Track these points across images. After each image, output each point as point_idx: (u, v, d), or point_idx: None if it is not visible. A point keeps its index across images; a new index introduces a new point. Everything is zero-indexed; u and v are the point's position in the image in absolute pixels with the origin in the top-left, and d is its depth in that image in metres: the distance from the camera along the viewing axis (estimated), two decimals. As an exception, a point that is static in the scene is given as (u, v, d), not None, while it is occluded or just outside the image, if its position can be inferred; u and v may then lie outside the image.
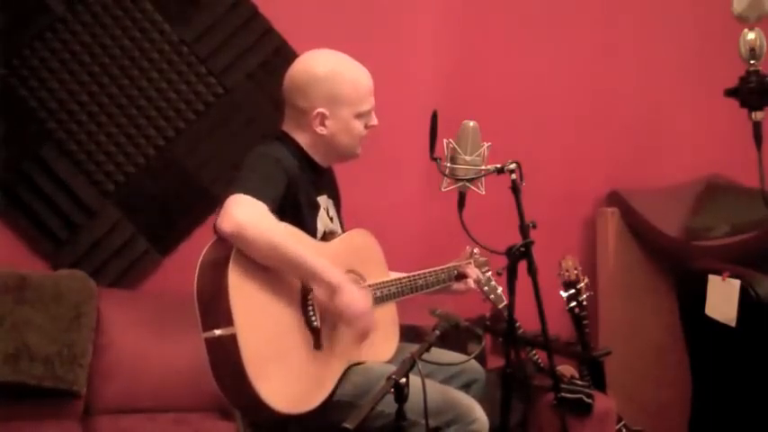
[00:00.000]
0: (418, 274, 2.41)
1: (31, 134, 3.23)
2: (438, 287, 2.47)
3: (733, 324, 3.22)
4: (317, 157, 2.30)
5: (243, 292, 2.00)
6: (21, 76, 3.20)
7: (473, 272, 2.53)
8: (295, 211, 2.16)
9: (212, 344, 2.00)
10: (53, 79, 3.23)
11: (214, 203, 3.13)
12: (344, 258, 2.25)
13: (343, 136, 2.27)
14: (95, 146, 3.30)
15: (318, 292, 2.11)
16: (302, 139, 2.28)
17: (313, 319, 2.12)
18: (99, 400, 3.05)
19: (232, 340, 1.96)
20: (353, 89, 2.25)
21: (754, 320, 3.18)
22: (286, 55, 3.39)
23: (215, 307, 1.99)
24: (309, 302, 2.12)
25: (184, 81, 3.39)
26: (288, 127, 2.30)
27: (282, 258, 2.02)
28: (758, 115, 1.99)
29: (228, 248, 2.00)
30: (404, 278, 2.38)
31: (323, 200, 2.31)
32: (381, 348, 2.31)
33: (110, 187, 3.33)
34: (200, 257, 2.06)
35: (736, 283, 3.21)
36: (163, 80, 3.36)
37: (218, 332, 1.98)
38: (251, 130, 3.45)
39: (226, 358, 1.98)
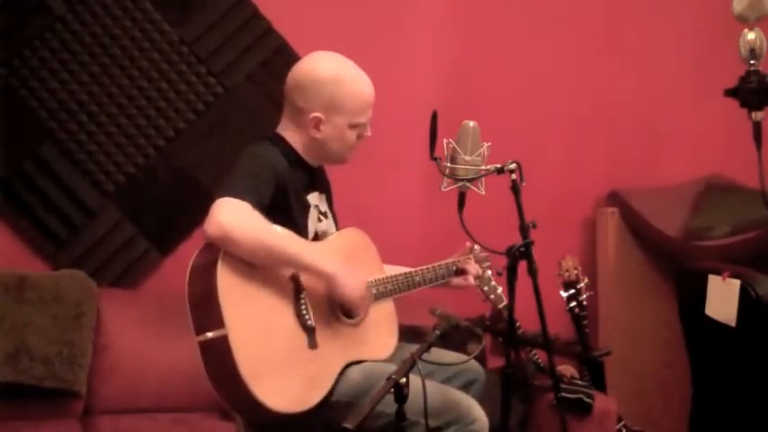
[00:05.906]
0: (416, 271, 2.41)
1: (31, 134, 3.23)
2: (436, 283, 2.47)
3: (733, 324, 3.22)
4: (308, 158, 2.31)
5: (232, 293, 2.00)
6: (21, 76, 3.20)
7: (473, 268, 2.53)
8: (285, 211, 2.16)
9: (206, 347, 2.00)
10: (53, 79, 3.23)
11: (214, 203, 3.12)
12: (338, 257, 2.24)
13: (334, 142, 2.28)
14: (95, 146, 3.30)
15: (313, 282, 2.11)
16: (296, 137, 2.28)
17: (306, 318, 2.12)
18: (99, 400, 3.05)
19: (224, 341, 1.96)
20: (353, 99, 2.25)
21: (754, 320, 3.18)
22: (286, 55, 3.40)
23: (206, 310, 1.99)
24: (302, 302, 2.12)
25: (184, 81, 3.39)
26: (283, 124, 2.31)
27: (270, 254, 2.03)
28: (758, 115, 1.99)
29: (216, 252, 2.01)
30: (401, 275, 2.38)
31: (313, 197, 2.32)
32: (379, 346, 2.30)
33: (110, 187, 3.33)
34: (190, 263, 2.06)
35: (736, 283, 3.21)
36: (163, 80, 3.36)
37: (210, 334, 1.98)
38: (251, 130, 3.44)
39: (220, 360, 1.98)
